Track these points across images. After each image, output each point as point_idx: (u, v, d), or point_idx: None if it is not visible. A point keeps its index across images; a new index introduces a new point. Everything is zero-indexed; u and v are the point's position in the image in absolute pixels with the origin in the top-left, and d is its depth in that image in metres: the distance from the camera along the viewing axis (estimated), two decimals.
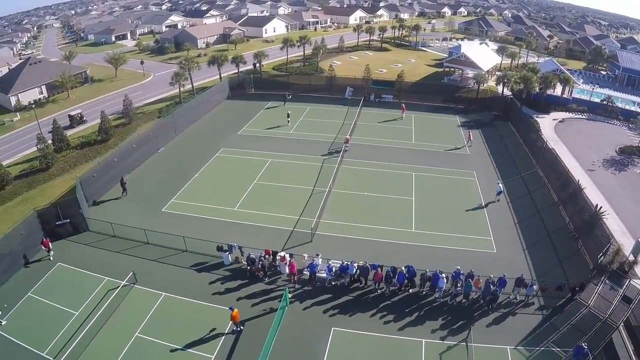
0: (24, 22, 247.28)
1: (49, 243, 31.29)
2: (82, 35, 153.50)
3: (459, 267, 27.10)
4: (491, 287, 25.71)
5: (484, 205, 37.50)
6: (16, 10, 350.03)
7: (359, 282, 27.86)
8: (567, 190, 37.09)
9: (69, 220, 33.79)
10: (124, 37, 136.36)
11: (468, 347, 23.58)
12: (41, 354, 23.60)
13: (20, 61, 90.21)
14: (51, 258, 31.14)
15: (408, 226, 34.11)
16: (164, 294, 27.46)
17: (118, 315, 26.03)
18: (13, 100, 68.27)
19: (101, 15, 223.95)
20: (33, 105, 62.57)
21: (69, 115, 60.45)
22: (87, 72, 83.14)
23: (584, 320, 25.86)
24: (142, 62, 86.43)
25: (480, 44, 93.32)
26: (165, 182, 41.02)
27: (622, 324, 25.07)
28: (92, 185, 37.97)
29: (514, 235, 33.37)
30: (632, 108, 64.70)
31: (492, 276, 26.53)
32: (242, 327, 24.76)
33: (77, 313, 26.27)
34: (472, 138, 50.47)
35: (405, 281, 26.83)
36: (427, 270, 27.05)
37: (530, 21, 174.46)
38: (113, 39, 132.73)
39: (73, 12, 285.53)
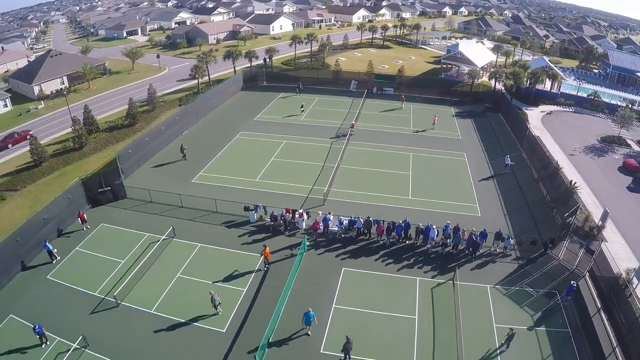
0: (29, 18, 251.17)
1: (84, 215, 34.66)
2: (92, 30, 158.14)
3: (449, 222, 32.55)
4: (473, 237, 30.98)
5: (472, 180, 42.78)
6: (19, 6, 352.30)
7: (364, 235, 33.15)
8: (547, 170, 42.07)
9: (109, 188, 38.55)
10: (134, 32, 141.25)
11: (454, 284, 28.81)
12: (93, 293, 28.11)
13: (41, 54, 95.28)
14: (84, 229, 34.53)
15: (405, 194, 39.53)
16: (200, 244, 32.57)
17: (160, 262, 30.94)
18: (36, 89, 73.24)
19: (108, 12, 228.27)
20: (65, 92, 67.58)
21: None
22: (106, 64, 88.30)
23: (554, 269, 30.85)
24: (158, 56, 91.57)
25: (477, 42, 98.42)
26: (191, 159, 45.99)
27: (587, 273, 30.17)
28: (127, 161, 42.74)
29: (497, 204, 38.62)
30: (618, 102, 69.28)
31: (474, 229, 31.82)
32: (269, 266, 30.03)
33: (123, 261, 30.97)
34: (436, 121, 55.83)
35: (402, 233, 32.04)
36: (420, 223, 32.40)
37: (529, 21, 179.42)
38: (124, 34, 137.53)
39: (78, 8, 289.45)
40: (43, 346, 24.47)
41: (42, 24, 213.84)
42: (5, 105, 68.43)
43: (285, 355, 24.02)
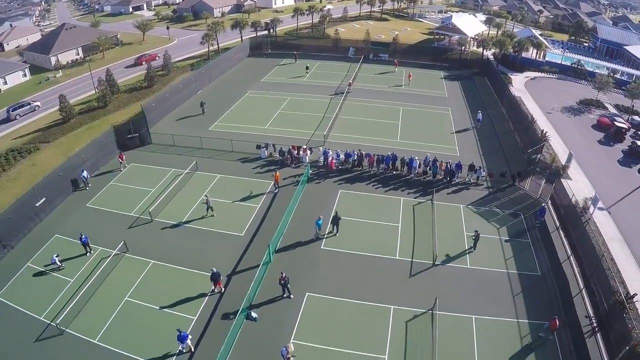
0: None
1: (123, 156, 40.49)
2: (97, 7, 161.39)
3: (428, 154, 38.45)
4: (449, 167, 36.88)
5: (454, 128, 48.51)
6: None
7: (358, 166, 39.04)
8: (523, 123, 47.33)
9: (137, 135, 44.21)
10: (140, 7, 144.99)
11: (432, 203, 34.80)
12: (129, 214, 33.77)
13: (52, 28, 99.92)
14: (122, 169, 39.92)
15: (394, 138, 45.58)
16: (219, 175, 38.62)
17: (187, 188, 36.80)
18: (53, 60, 78.17)
19: None
20: (88, 59, 72.83)
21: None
22: (118, 36, 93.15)
23: (520, 197, 36.51)
24: (168, 28, 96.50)
25: (469, 14, 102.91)
26: (207, 113, 51.53)
27: (549, 200, 35.88)
28: (150, 113, 47.92)
29: (474, 148, 44.43)
30: (600, 71, 73.72)
31: (450, 161, 37.77)
32: (278, 189, 36.06)
33: (153, 190, 36.72)
34: (411, 78, 61.79)
35: (390, 165, 37.91)
36: (405, 155, 38.35)
37: None
38: (130, 9, 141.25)
39: None
40: (88, 254, 29.55)
41: (43, 2, 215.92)
42: (25, 75, 73.41)
43: (294, 251, 30.13)
